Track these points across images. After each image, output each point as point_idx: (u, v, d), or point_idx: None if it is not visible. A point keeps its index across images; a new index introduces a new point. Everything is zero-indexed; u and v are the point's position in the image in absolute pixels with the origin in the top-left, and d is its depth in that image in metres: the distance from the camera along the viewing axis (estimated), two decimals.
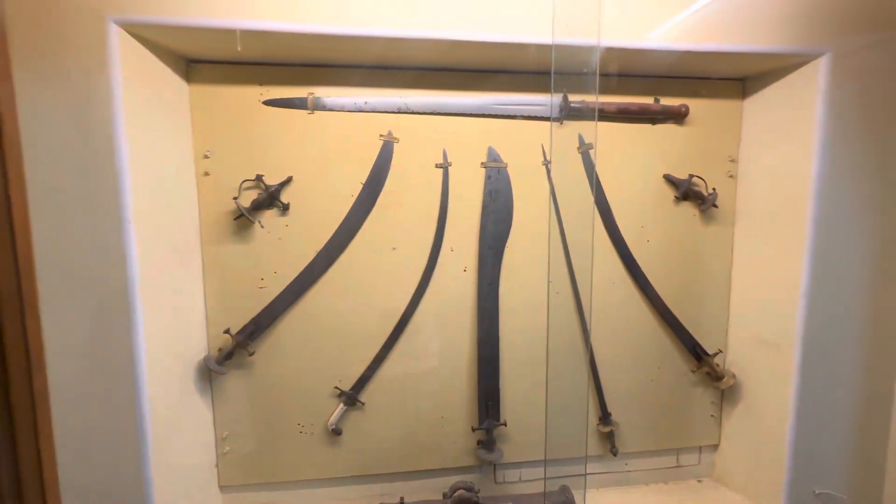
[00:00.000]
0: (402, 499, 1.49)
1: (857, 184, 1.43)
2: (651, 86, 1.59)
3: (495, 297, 1.58)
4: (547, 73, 1.26)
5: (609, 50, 1.30)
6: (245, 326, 1.47)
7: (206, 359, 1.44)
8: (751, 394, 1.66)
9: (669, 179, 1.63)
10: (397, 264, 1.54)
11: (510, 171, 1.57)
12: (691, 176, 1.62)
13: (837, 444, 1.53)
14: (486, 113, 1.53)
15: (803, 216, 1.43)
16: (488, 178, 1.56)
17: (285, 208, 1.47)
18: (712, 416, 1.75)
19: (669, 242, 1.66)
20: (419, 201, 1.54)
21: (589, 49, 1.14)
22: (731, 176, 1.67)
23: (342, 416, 1.55)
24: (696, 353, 1.68)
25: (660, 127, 1.62)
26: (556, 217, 1.58)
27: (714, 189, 1.62)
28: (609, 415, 1.67)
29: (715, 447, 1.79)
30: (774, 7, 1.35)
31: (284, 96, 1.44)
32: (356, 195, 1.50)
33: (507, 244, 1.58)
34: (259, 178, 1.43)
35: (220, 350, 1.47)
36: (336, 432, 1.55)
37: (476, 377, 1.60)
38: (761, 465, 1.60)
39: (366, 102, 1.48)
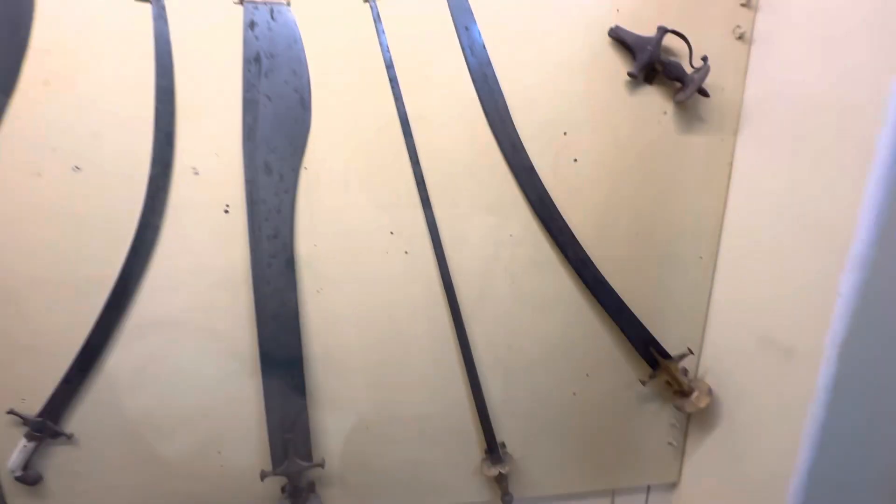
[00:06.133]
0: None
1: None
2: None
3: (289, 259, 0.88)
4: None
5: None
6: None
7: None
8: (736, 414, 1.00)
9: (618, 37, 0.85)
10: (92, 198, 0.82)
11: (296, 13, 0.79)
12: (663, 30, 0.84)
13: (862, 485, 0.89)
14: None
15: (876, 118, 0.67)
16: (251, 26, 0.78)
17: None
18: (670, 443, 1.11)
19: (613, 160, 0.92)
20: (112, 72, 0.78)
21: None
22: (739, 37, 0.89)
23: (33, 455, 0.92)
24: (649, 354, 1.00)
25: None
26: (397, 105, 0.83)
27: (706, 58, 0.85)
28: (501, 446, 1.03)
29: (672, 486, 1.17)
30: None
31: None
32: None
33: (306, 158, 0.85)
34: None
35: None
36: (29, 480, 0.92)
37: (262, 396, 0.94)
38: None
39: None
